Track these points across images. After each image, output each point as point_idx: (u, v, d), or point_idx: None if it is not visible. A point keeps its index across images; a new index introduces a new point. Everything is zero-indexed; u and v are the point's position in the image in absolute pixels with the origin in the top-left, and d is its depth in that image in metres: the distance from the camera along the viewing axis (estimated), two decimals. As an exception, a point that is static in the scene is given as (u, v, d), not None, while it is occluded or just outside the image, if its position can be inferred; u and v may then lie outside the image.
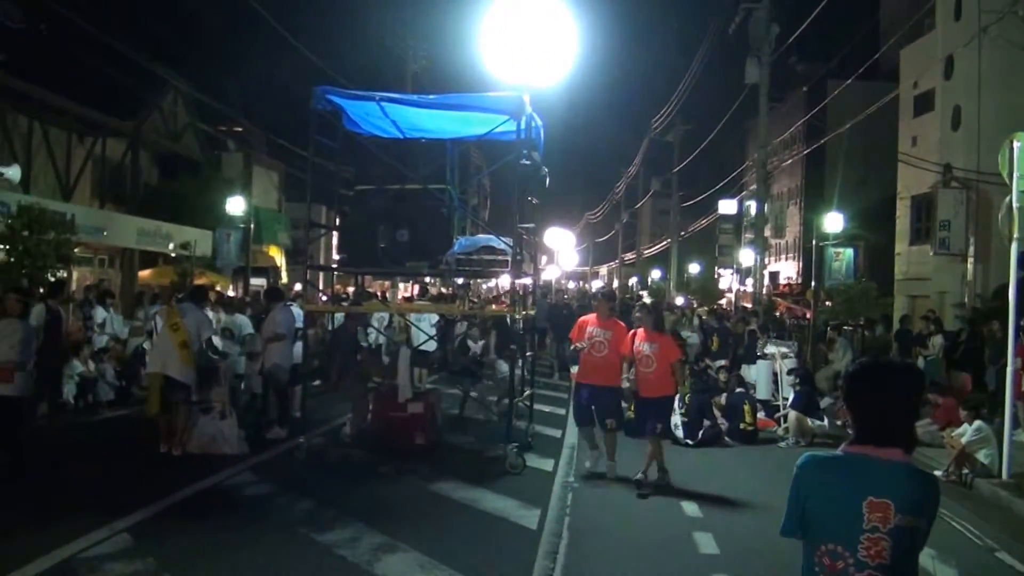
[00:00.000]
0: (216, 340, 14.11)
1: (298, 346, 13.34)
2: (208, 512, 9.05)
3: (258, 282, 30.70)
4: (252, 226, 27.79)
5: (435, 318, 19.24)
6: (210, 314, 14.73)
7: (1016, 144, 12.04)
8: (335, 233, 14.81)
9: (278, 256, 34.25)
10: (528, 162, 12.41)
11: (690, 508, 10.04)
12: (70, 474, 10.70)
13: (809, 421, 14.73)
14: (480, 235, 13.80)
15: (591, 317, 11.84)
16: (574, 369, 19.02)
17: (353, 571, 7.42)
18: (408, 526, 8.72)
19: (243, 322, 14.65)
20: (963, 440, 12.17)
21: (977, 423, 12.38)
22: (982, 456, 12.01)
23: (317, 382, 15.89)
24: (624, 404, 11.82)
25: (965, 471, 11.92)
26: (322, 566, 7.53)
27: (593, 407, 11.41)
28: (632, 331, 11.24)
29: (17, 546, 7.47)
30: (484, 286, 32.95)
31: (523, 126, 11.89)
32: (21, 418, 10.24)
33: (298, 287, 22.81)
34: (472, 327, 17.64)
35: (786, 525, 3.30)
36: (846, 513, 3.09)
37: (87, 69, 23.14)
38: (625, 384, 11.22)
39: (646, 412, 11.06)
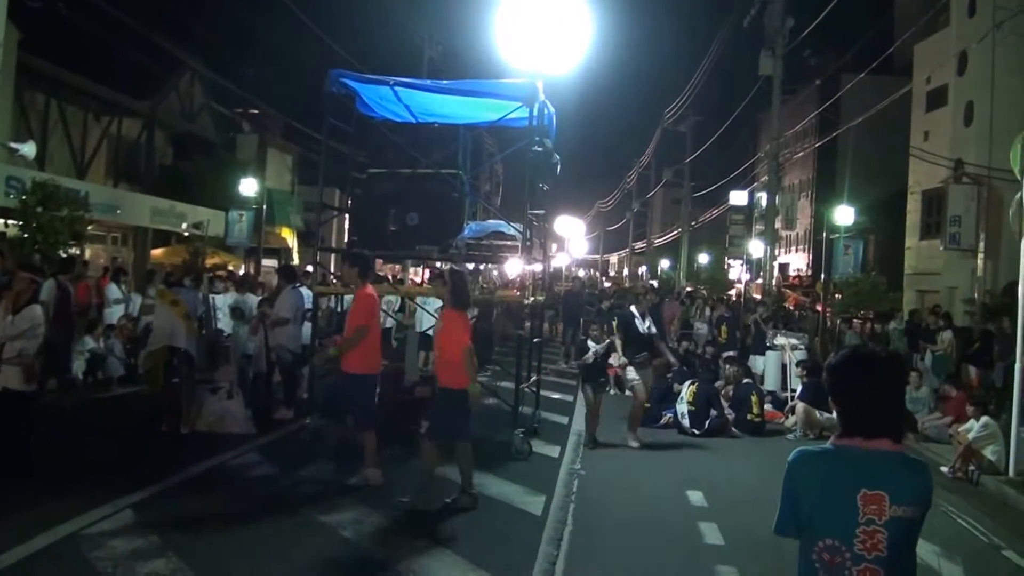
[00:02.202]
0: (224, 319, 14.16)
1: (307, 327, 13.35)
2: (213, 491, 9.09)
3: (270, 263, 30.78)
4: (265, 207, 27.84)
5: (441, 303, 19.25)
6: (218, 298, 14.79)
7: (1027, 141, 12.02)
8: (347, 216, 14.82)
9: (290, 238, 34.32)
10: (540, 149, 12.41)
11: (695, 497, 10.07)
12: (76, 450, 10.74)
13: (817, 413, 14.72)
14: (490, 220, 13.80)
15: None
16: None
17: (357, 552, 7.46)
18: (412, 509, 8.73)
19: (253, 302, 14.67)
20: (970, 436, 12.16)
21: (984, 419, 12.38)
22: (989, 452, 12.00)
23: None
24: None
25: (971, 467, 11.93)
26: (326, 547, 7.56)
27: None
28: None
29: (21, 521, 7.51)
30: (494, 272, 32.90)
31: (535, 113, 11.88)
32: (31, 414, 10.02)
33: (310, 268, 22.84)
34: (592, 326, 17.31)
35: (779, 523, 3.29)
36: (841, 507, 3.07)
37: (105, 48, 23.19)
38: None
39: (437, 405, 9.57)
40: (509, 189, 17.38)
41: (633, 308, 13.58)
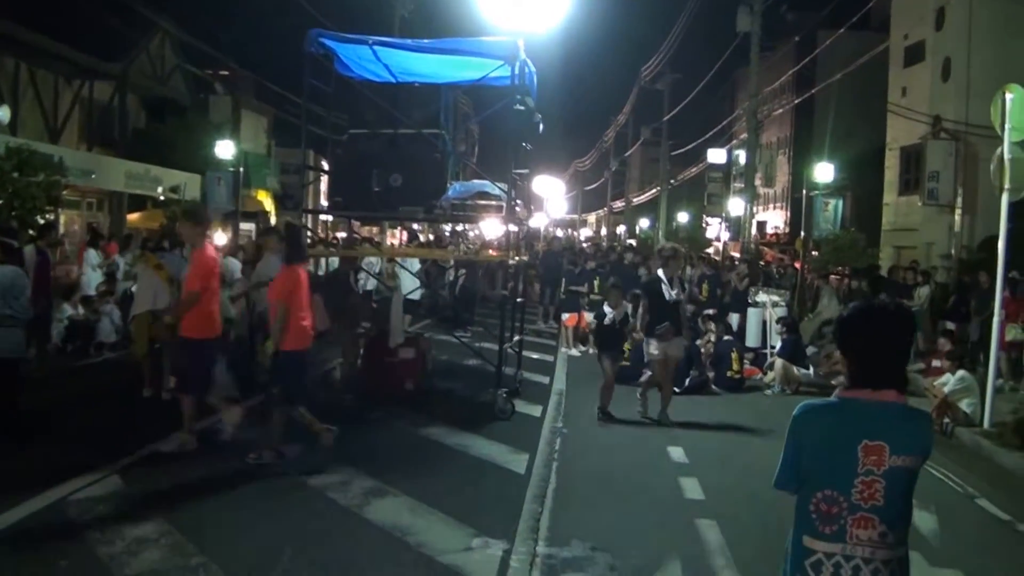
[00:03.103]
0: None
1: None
2: (198, 455, 9.10)
3: (247, 227, 30.62)
4: (242, 170, 27.66)
5: (419, 265, 19.28)
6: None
7: (1008, 96, 12.09)
8: (324, 178, 14.76)
9: (267, 201, 34.11)
10: (522, 108, 12.38)
11: (676, 454, 10.19)
12: (61, 417, 10.73)
13: (795, 369, 14.88)
14: (474, 181, 13.77)
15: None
16: (565, 316, 19.26)
17: (344, 514, 7.51)
18: (398, 471, 8.81)
19: (234, 266, 14.62)
20: (946, 389, 12.32)
21: (960, 373, 12.55)
22: (964, 405, 12.17)
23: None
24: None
25: (947, 420, 12.09)
26: (312, 509, 7.61)
27: None
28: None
29: (8, 487, 7.53)
30: (472, 233, 32.88)
31: (517, 72, 11.84)
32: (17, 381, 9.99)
33: (285, 232, 22.73)
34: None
35: (780, 477, 3.34)
36: (841, 458, 3.14)
37: (74, 10, 22.87)
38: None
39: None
40: (486, 149, 17.35)
41: (660, 272, 12.13)
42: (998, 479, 9.94)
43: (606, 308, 12.43)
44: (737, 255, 33.35)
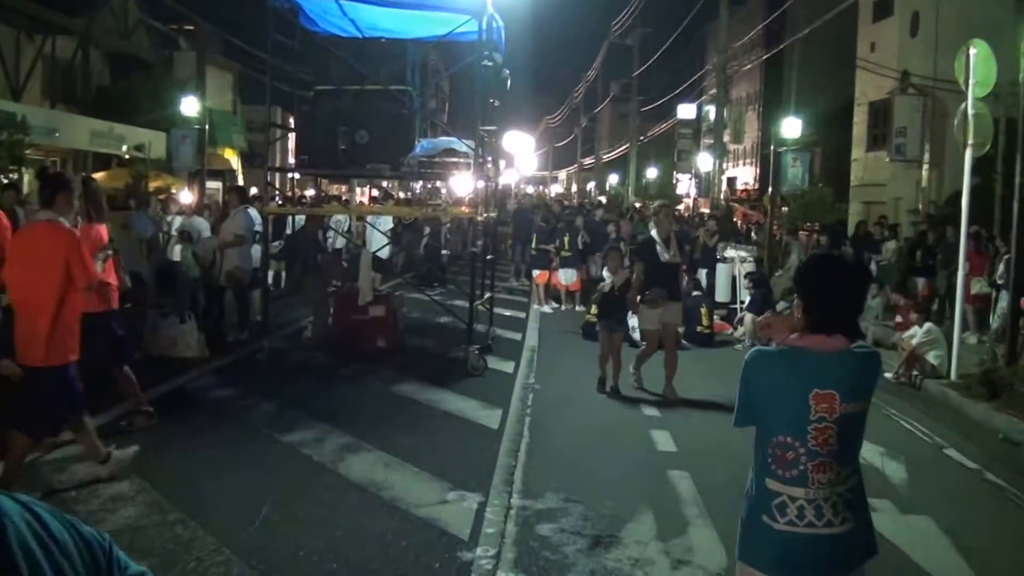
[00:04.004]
0: (175, 244, 14.04)
1: (256, 249, 13.27)
2: (171, 415, 9.06)
3: (214, 185, 30.34)
4: (207, 128, 27.34)
5: (391, 223, 19.21)
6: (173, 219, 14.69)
7: (972, 51, 12.15)
8: (291, 136, 14.64)
9: (233, 159, 33.79)
10: (490, 63, 12.29)
11: (648, 408, 10.27)
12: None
13: (765, 324, 14.99)
14: (442, 137, 13.69)
15: None
16: (536, 273, 19.29)
17: (319, 470, 7.54)
18: (371, 427, 8.85)
19: (201, 225, 14.53)
20: (914, 342, 12.46)
21: (927, 325, 12.69)
22: (932, 358, 12.32)
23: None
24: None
25: (915, 372, 12.24)
26: (288, 465, 7.64)
27: None
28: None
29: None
30: (442, 191, 32.77)
31: (484, 27, 11.75)
32: None
33: (254, 190, 22.53)
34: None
35: (738, 417, 3.46)
36: (793, 406, 3.24)
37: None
38: None
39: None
40: (456, 105, 17.26)
41: (654, 233, 11.29)
42: (965, 429, 10.09)
43: (604, 273, 11.73)
44: (707, 211, 33.44)
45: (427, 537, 6.12)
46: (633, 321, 13.18)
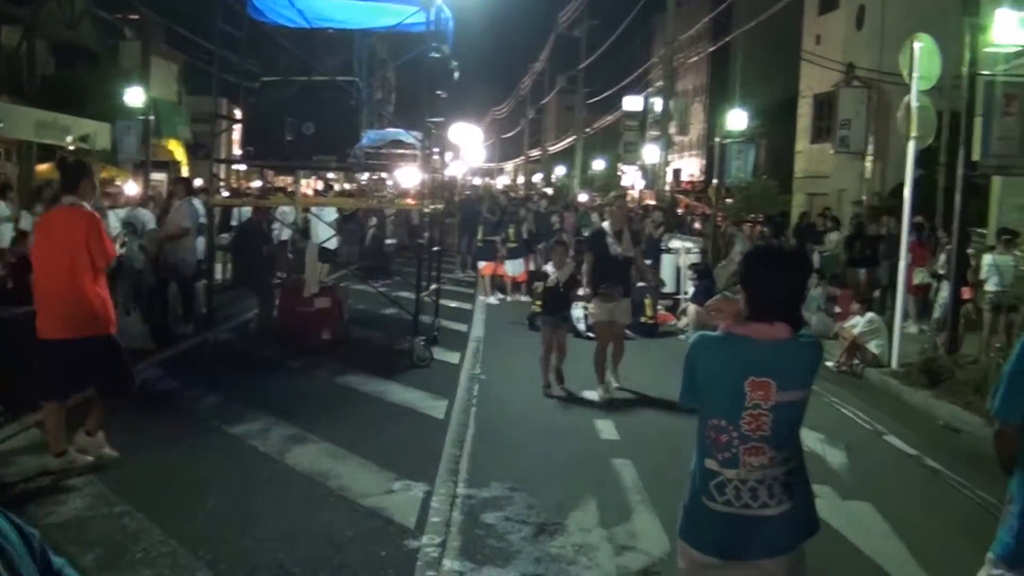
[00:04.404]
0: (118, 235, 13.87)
1: (200, 241, 13.17)
2: (117, 406, 8.99)
3: (158, 177, 29.98)
4: (153, 119, 26.99)
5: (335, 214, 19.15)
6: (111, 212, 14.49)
7: (917, 45, 12.39)
8: (237, 127, 14.53)
9: (178, 150, 33.39)
10: (438, 55, 12.30)
11: (592, 397, 10.36)
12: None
13: (708, 314, 15.16)
14: (389, 129, 13.68)
15: None
16: (481, 265, 19.33)
17: (265, 461, 7.55)
18: (317, 418, 8.86)
19: (146, 216, 14.37)
20: (855, 331, 12.70)
21: (869, 315, 12.96)
22: (873, 347, 12.57)
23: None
24: None
25: (856, 361, 12.48)
26: (234, 457, 7.64)
27: None
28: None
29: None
30: (388, 182, 32.64)
31: (433, 18, 11.77)
32: None
33: (199, 182, 22.28)
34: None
35: (683, 397, 3.55)
36: (730, 391, 3.33)
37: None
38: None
39: None
40: (403, 96, 17.24)
41: (605, 225, 11.10)
42: (905, 416, 10.34)
43: (549, 268, 11.21)
44: (652, 202, 33.69)
45: (373, 526, 6.17)
46: (576, 312, 13.28)
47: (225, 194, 16.43)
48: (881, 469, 8.36)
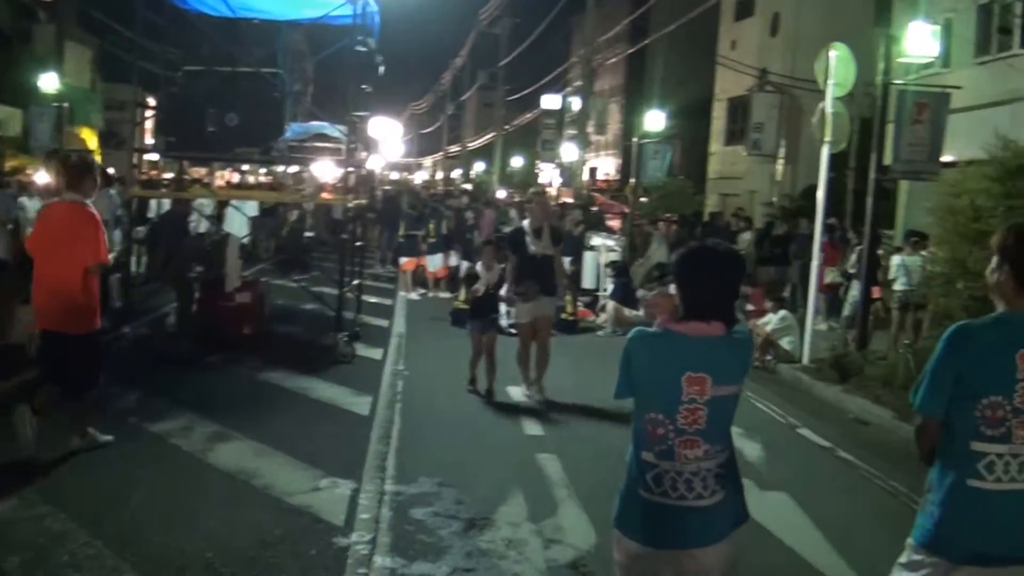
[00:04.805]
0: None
1: (115, 233, 12.89)
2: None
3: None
4: (66, 106, 26.33)
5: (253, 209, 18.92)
6: (26, 200, 14.16)
7: (833, 53, 12.74)
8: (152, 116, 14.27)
9: (91, 139, 32.63)
10: (364, 49, 12.24)
11: (515, 393, 10.42)
12: None
13: (626, 311, 15.36)
14: (313, 122, 13.55)
15: None
16: (403, 260, 19.27)
17: (188, 459, 7.44)
18: (240, 415, 8.74)
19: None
20: (768, 329, 13.00)
21: (782, 312, 13.29)
22: (785, 343, 12.89)
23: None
24: None
25: (769, 357, 12.77)
26: (156, 456, 7.50)
27: None
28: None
29: None
30: (304, 175, 32.29)
31: (359, 11, 11.70)
32: None
33: (111, 171, 21.75)
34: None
35: (618, 390, 3.58)
36: (666, 386, 3.39)
37: None
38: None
39: None
40: (326, 90, 17.08)
41: (525, 223, 10.75)
42: (818, 410, 10.67)
43: (478, 268, 10.82)
44: (570, 200, 33.90)
45: (302, 524, 6.13)
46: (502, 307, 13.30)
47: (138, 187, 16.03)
48: (796, 461, 8.60)
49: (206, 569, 5.37)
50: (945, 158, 13.51)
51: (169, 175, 23.94)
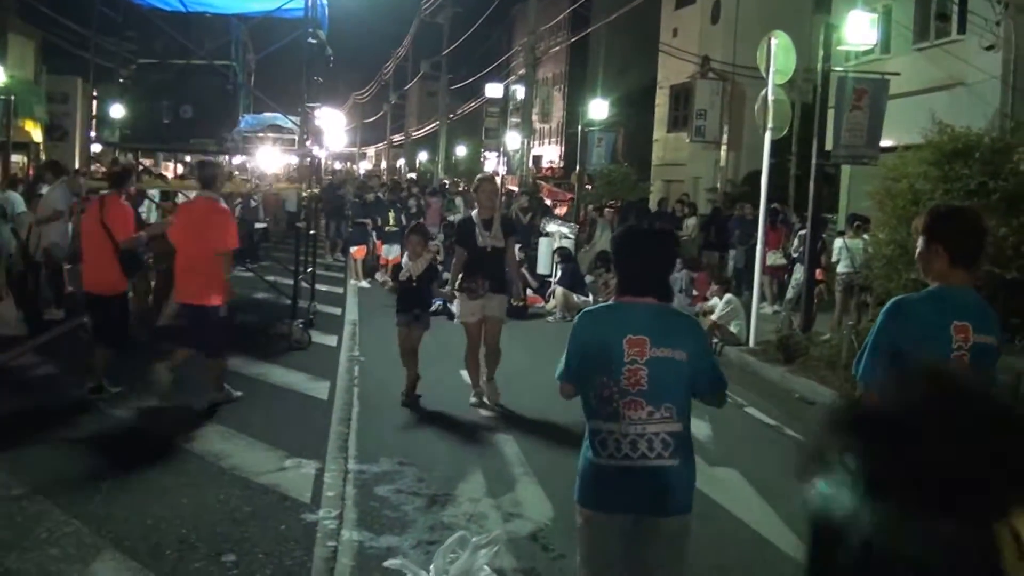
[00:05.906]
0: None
1: (68, 225, 12.92)
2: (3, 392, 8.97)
3: (16, 159, 28.92)
4: (12, 98, 25.99)
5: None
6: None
7: (774, 41, 13.06)
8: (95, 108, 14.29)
9: (35, 131, 32.20)
10: (314, 41, 12.43)
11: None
12: None
13: (574, 296, 15.70)
14: (266, 114, 13.71)
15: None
16: (353, 249, 19.43)
17: (155, 442, 7.65)
18: (202, 400, 8.88)
19: (16, 199, 14.04)
20: (715, 313, 13.39)
21: (727, 296, 13.65)
22: (732, 327, 13.27)
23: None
24: None
25: (715, 340, 13.13)
26: (123, 439, 7.73)
27: None
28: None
29: None
30: (250, 166, 32.22)
31: (310, 4, 11.88)
32: None
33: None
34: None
35: (561, 370, 3.92)
36: (610, 350, 3.70)
37: None
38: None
39: None
40: (276, 82, 17.21)
41: (474, 214, 9.83)
42: (764, 390, 11.06)
43: (404, 260, 10.14)
44: (515, 188, 34.19)
45: (270, 502, 6.39)
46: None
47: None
48: (743, 438, 8.98)
49: (181, 543, 5.61)
50: (885, 143, 13.97)
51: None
